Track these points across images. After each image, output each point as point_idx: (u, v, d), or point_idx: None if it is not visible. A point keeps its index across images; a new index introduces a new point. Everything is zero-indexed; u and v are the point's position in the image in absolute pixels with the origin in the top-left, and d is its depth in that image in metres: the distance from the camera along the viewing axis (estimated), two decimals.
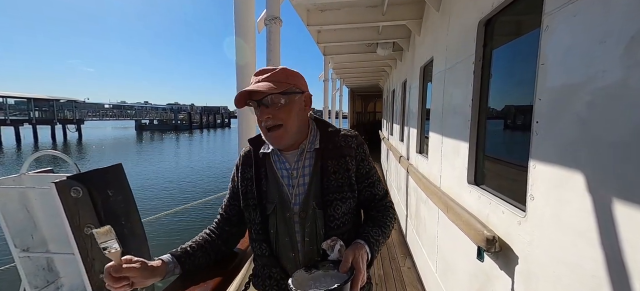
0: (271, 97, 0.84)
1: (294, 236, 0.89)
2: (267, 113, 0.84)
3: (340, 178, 0.90)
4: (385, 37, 4.31)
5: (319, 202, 0.88)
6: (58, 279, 1.94)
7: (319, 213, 0.88)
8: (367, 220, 0.94)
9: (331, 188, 0.88)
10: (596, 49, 0.82)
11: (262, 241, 0.91)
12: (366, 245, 0.82)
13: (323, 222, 0.87)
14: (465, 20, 1.85)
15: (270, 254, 0.90)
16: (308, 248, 0.88)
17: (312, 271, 0.79)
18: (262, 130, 0.89)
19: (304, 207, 0.88)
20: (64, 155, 1.89)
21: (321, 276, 0.78)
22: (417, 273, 3.07)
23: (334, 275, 0.76)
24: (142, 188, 11.16)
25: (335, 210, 0.88)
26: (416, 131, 3.42)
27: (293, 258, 0.89)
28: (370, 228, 0.89)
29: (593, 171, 0.82)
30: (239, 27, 1.67)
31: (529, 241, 1.09)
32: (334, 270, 0.78)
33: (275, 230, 0.90)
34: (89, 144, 29.84)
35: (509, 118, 1.54)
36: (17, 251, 1.77)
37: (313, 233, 0.88)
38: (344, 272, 0.74)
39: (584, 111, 0.85)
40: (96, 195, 1.67)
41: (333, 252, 0.81)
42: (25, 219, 1.83)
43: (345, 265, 0.75)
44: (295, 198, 0.89)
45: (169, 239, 6.70)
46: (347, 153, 0.92)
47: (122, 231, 1.80)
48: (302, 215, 0.88)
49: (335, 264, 0.79)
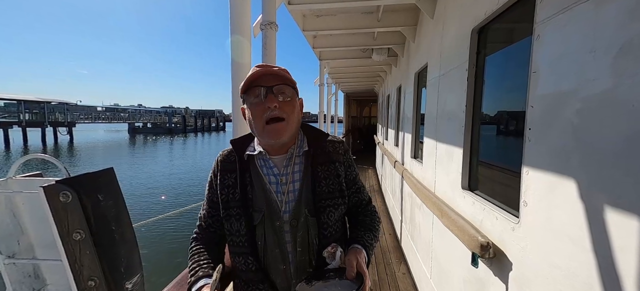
0: (282, 86, 0.81)
1: (285, 246, 0.82)
2: (275, 101, 0.79)
3: (331, 184, 0.88)
4: (380, 43, 4.35)
5: (311, 209, 0.84)
6: (44, 286, 1.88)
7: (312, 221, 0.84)
8: (358, 225, 0.93)
9: (323, 195, 0.86)
10: (586, 57, 0.83)
11: (248, 255, 0.82)
12: (364, 250, 0.81)
13: (317, 230, 0.84)
14: (459, 28, 1.88)
15: (257, 268, 0.82)
16: (300, 259, 0.83)
17: (313, 282, 0.75)
18: (259, 123, 0.81)
19: (295, 215, 0.83)
20: (54, 159, 1.85)
21: (323, 287, 0.73)
22: (411, 278, 3.06)
23: (337, 284, 0.73)
24: (133, 194, 10.99)
25: (328, 217, 0.85)
26: (411, 136, 3.44)
27: (283, 271, 0.82)
28: (363, 232, 0.88)
29: (584, 177, 0.83)
30: (235, 31, 1.67)
31: (523, 247, 1.10)
32: (334, 278, 0.75)
33: (263, 242, 0.82)
34: (80, 147, 29.35)
35: (502, 124, 1.56)
36: (2, 258, 1.71)
37: (305, 242, 0.83)
38: (350, 278, 0.73)
39: (575, 118, 0.86)
40: (86, 199, 1.64)
41: (335, 260, 0.78)
42: (11, 224, 1.78)
43: (351, 272, 0.74)
44: (285, 205, 0.83)
45: (161, 244, 6.59)
46: (335, 159, 0.91)
47: (112, 237, 1.76)
48: (293, 223, 0.83)
49: (335, 272, 0.76)
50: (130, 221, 2.06)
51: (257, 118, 0.81)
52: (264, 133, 0.81)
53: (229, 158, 0.91)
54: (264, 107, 0.79)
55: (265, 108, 0.79)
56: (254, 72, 0.81)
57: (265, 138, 0.83)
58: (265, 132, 0.81)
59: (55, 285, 1.89)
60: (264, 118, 0.80)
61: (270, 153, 0.88)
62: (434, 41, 2.49)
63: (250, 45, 1.73)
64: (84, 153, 24.84)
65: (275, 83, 0.80)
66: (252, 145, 0.90)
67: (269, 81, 0.80)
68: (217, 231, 0.90)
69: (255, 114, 0.81)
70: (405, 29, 3.44)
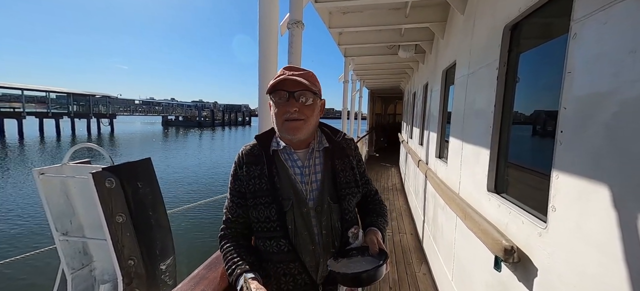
0: (303, 92, 0.89)
1: (312, 229, 0.92)
2: (295, 106, 0.89)
3: (348, 176, 1.00)
4: (407, 40, 4.26)
5: (333, 197, 0.95)
6: (92, 262, 2.10)
7: (335, 207, 0.95)
8: (370, 212, 1.05)
9: (343, 185, 0.97)
10: (626, 58, 0.79)
11: (280, 238, 0.91)
12: (379, 232, 0.95)
13: (339, 215, 0.95)
14: (490, 25, 1.81)
15: (289, 249, 0.91)
16: (325, 241, 0.93)
17: (339, 260, 0.86)
18: (279, 120, 0.91)
19: (319, 202, 0.93)
20: (100, 148, 2.05)
21: (355, 262, 0.85)
22: (432, 279, 3.01)
23: (365, 260, 0.85)
24: (167, 182, 11.69)
25: (348, 203, 0.97)
26: (436, 135, 3.35)
27: (312, 251, 0.92)
28: (376, 217, 1.02)
29: (619, 183, 0.79)
30: (263, 30, 1.73)
31: (550, 254, 1.06)
32: (357, 256, 0.87)
33: (293, 226, 0.91)
34: (120, 138, 31.63)
35: (539, 124, 1.47)
36: (57, 235, 1.94)
37: (329, 226, 0.94)
38: (374, 254, 0.86)
39: (611, 121, 0.82)
40: (127, 186, 1.80)
41: (358, 239, 0.90)
42: (64, 206, 2.00)
43: (374, 248, 0.87)
44: (309, 194, 0.93)
45: (190, 232, 6.98)
46: (349, 154, 1.03)
47: (149, 222, 1.93)
48: (318, 209, 0.93)
49: (357, 251, 0.88)
50: (165, 209, 2.23)
51: (279, 116, 0.91)
52: (283, 129, 0.92)
53: (252, 151, 0.99)
54: (285, 109, 0.89)
55: (286, 110, 0.89)
56: (281, 77, 0.90)
57: (284, 133, 0.93)
58: (284, 128, 0.91)
59: (101, 262, 2.11)
60: (283, 117, 0.90)
61: (294, 148, 0.97)
62: (464, 38, 2.41)
63: (276, 44, 1.79)
64: (124, 144, 26.74)
65: (298, 89, 0.89)
66: (275, 140, 0.98)
67: (293, 86, 0.89)
68: (246, 221, 0.97)
69: (278, 113, 0.92)
70: (433, 25, 3.35)
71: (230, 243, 0.94)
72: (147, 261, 1.90)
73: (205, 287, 0.88)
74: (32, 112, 30.26)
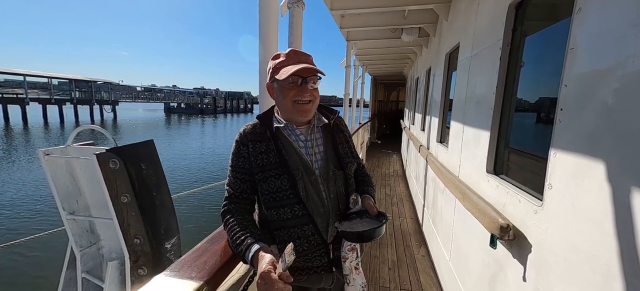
0: (313, 77, 0.99)
1: (322, 194, 1.02)
2: (307, 91, 0.99)
3: (345, 148, 1.14)
4: (411, 22, 4.18)
5: (337, 165, 1.08)
6: (99, 241, 2.16)
7: (340, 174, 1.07)
8: (361, 183, 1.18)
9: (343, 155, 1.11)
10: (627, 32, 0.78)
11: (295, 204, 0.99)
12: (372, 198, 1.09)
13: (343, 181, 1.08)
14: (495, 2, 1.77)
15: (304, 213, 1.00)
16: (333, 204, 1.04)
17: (343, 223, 0.99)
18: (288, 102, 0.99)
19: (325, 171, 1.05)
20: (103, 129, 2.07)
21: (353, 224, 0.97)
22: (430, 260, 3.07)
23: (362, 221, 0.98)
24: (171, 168, 11.81)
25: (350, 170, 1.10)
26: (438, 120, 3.34)
27: (322, 213, 1.02)
28: (367, 187, 1.16)
29: (615, 160, 0.80)
30: (263, 10, 1.71)
31: (544, 230, 1.08)
32: (356, 218, 1.00)
33: (304, 193, 1.00)
34: (123, 124, 31.76)
35: (543, 112, 1.44)
36: (64, 214, 1.99)
37: (335, 191, 1.05)
38: (374, 215, 1.00)
39: (610, 98, 0.82)
40: (131, 167, 1.83)
41: (358, 204, 1.05)
42: (71, 186, 2.04)
43: (373, 211, 1.02)
44: (314, 164, 1.04)
45: (192, 214, 7.12)
46: (343, 130, 1.18)
47: (153, 202, 1.97)
48: (324, 176, 1.04)
49: (356, 214, 1.02)
50: (169, 190, 2.26)
51: (287, 98, 0.99)
52: (294, 110, 1.00)
53: (255, 130, 1.06)
54: (297, 92, 0.98)
55: (298, 93, 0.98)
56: (299, 66, 0.95)
57: (295, 115, 1.02)
58: (295, 110, 1.00)
59: (108, 240, 2.17)
60: (293, 100, 0.99)
61: (296, 125, 1.06)
62: (468, 18, 2.36)
63: (277, 26, 1.77)
64: (127, 130, 26.89)
65: (310, 75, 0.98)
66: (276, 119, 1.06)
67: (306, 72, 0.97)
68: (250, 196, 1.04)
69: (287, 95, 0.99)
70: (438, 7, 3.27)
71: (235, 218, 0.98)
72: (152, 240, 1.95)
73: (208, 259, 0.91)
74: (35, 98, 30.35)
